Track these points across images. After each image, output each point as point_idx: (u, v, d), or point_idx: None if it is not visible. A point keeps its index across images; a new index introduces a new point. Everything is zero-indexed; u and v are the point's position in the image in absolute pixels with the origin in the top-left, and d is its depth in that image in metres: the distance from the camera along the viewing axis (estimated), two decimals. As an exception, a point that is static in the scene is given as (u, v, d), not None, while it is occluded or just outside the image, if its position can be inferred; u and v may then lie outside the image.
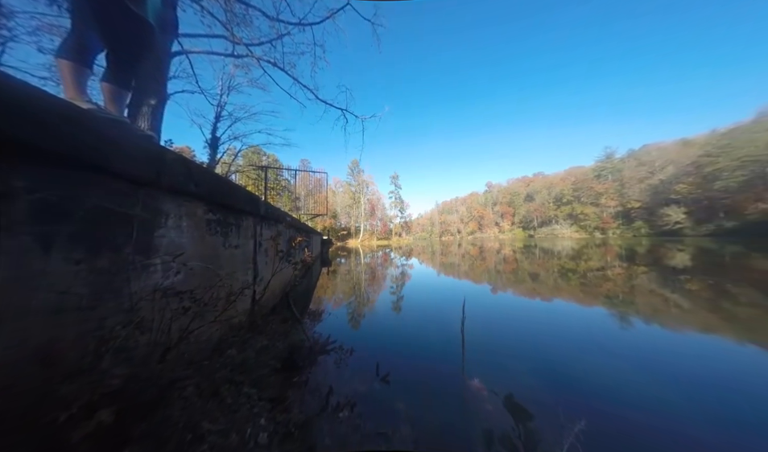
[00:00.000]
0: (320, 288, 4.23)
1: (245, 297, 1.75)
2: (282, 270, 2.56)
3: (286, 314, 2.53)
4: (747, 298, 3.05)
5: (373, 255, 11.73)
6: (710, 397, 1.27)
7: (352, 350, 1.78)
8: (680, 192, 30.74)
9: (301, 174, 6.65)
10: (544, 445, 0.71)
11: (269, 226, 2.51)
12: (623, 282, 4.04)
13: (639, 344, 1.90)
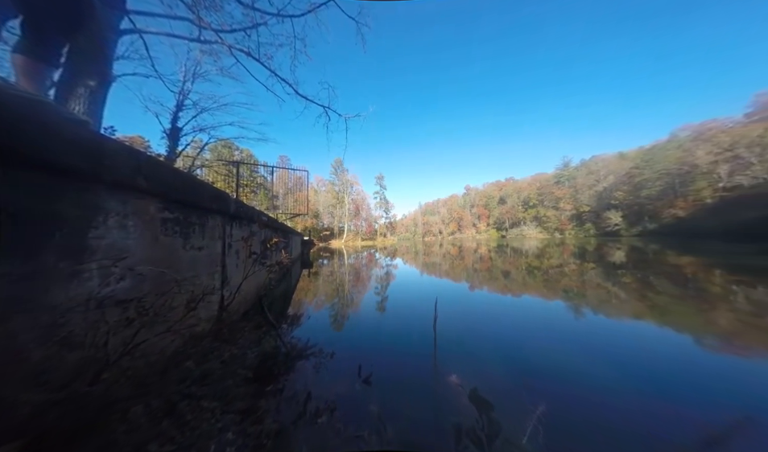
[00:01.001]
0: (300, 291, 4.08)
1: (209, 303, 1.61)
2: (256, 273, 2.43)
3: (260, 320, 2.39)
4: (662, 288, 3.72)
5: (357, 256, 11.56)
6: (637, 371, 1.54)
7: (332, 353, 1.74)
8: (618, 198, 36.01)
9: (279, 171, 6.31)
10: (505, 432, 0.76)
11: (240, 226, 2.35)
12: (576, 278, 4.70)
13: (589, 331, 2.20)
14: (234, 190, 4.81)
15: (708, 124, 30.97)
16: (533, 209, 51.34)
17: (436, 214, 73.95)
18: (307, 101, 4.52)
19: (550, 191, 48.48)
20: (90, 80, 1.73)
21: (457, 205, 71.80)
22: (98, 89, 1.82)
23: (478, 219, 64.55)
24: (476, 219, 65.11)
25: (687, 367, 1.60)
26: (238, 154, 13.87)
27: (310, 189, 36.84)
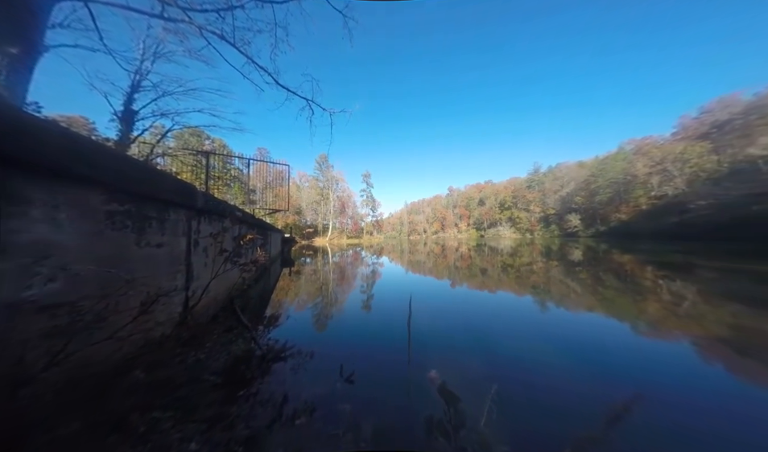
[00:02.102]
0: (280, 290, 3.92)
1: (170, 305, 1.48)
2: (228, 272, 2.28)
3: (232, 323, 2.26)
4: (609, 283, 4.30)
5: (342, 254, 11.39)
6: (588, 356, 1.75)
7: (312, 353, 1.71)
8: (577, 203, 40.56)
9: (257, 164, 5.97)
10: (469, 421, 0.81)
11: (210, 221, 2.19)
12: (543, 274, 5.20)
13: (552, 323, 2.45)
14: (203, 182, 4.42)
15: (646, 139, 35.02)
16: (508, 211, 55.32)
17: (421, 213, 76.08)
18: (288, 93, 4.30)
19: (522, 194, 52.56)
20: (11, 46, 1.45)
21: (441, 205, 74.25)
22: (22, 58, 1.54)
23: (460, 219, 67.56)
24: (458, 219, 67.66)
25: (621, 351, 1.82)
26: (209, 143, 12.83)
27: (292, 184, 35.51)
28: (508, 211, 55.53)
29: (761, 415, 1.16)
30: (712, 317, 2.55)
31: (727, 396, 1.30)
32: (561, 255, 9.18)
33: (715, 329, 2.23)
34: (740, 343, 1.96)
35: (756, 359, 1.74)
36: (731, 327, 2.27)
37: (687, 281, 4.34)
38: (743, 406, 1.23)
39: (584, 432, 0.78)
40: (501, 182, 64.00)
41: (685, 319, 2.48)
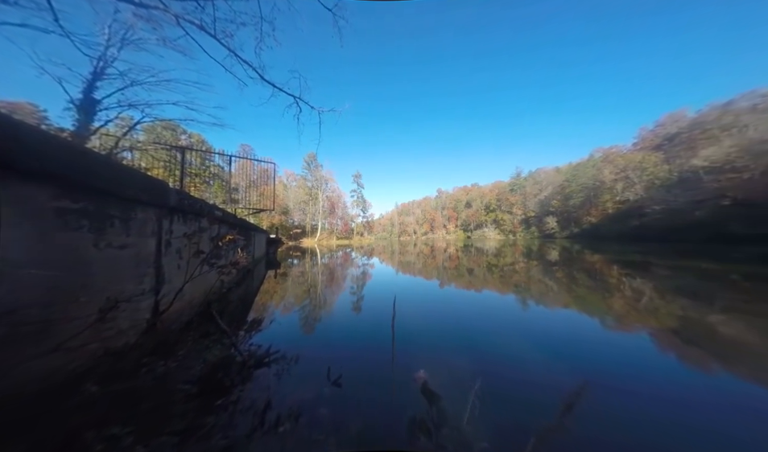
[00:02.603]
0: (264, 293, 3.79)
1: (135, 311, 1.39)
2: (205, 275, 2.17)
3: (209, 328, 2.16)
4: (582, 281, 4.67)
5: (331, 255, 11.24)
6: (562, 350, 1.87)
7: (297, 357, 1.68)
8: (554, 206, 43.54)
9: (241, 161, 5.73)
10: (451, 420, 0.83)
11: (185, 220, 2.08)
12: (524, 273, 5.53)
13: (531, 320, 2.61)
14: (178, 179, 4.15)
15: (612, 148, 38.44)
16: (493, 213, 57.94)
17: (412, 215, 77.51)
18: (274, 89, 4.16)
19: (506, 197, 55.29)
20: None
21: (430, 207, 75.97)
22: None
23: (448, 220, 69.40)
24: (447, 220, 69.47)
25: (592, 345, 1.98)
26: (186, 138, 12.05)
27: (278, 183, 34.65)
28: (493, 213, 58.04)
29: (703, 398, 1.31)
30: (665, 310, 2.82)
31: (677, 384, 1.46)
32: (540, 255, 9.82)
33: (667, 321, 2.48)
34: (687, 334, 2.20)
35: (700, 347, 1.97)
36: (679, 319, 2.54)
37: (645, 278, 4.80)
38: (690, 391, 1.38)
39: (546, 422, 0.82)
40: (487, 185, 66.61)
41: (643, 313, 2.74)
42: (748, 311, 2.84)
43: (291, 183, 39.11)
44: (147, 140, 5.31)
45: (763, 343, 2.00)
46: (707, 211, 20.68)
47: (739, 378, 1.56)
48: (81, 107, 4.28)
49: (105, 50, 4.24)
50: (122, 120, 4.84)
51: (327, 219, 41.02)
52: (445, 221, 70.02)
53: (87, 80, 4.28)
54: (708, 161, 22.61)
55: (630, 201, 31.25)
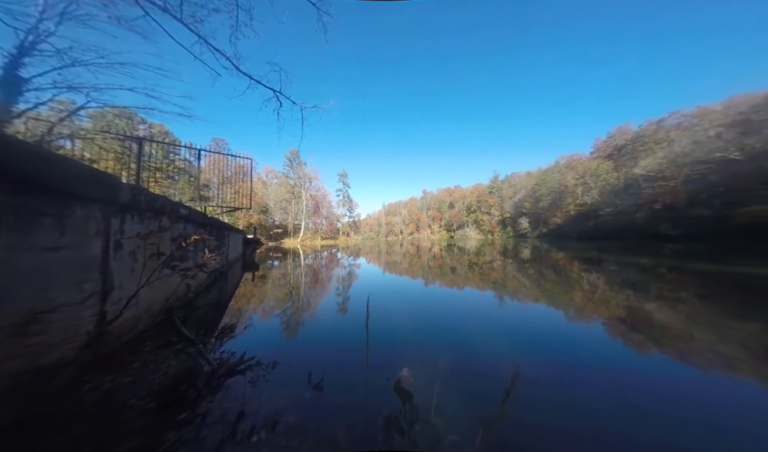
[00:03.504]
0: (241, 297, 3.60)
1: (72, 321, 1.23)
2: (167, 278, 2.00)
3: (171, 337, 2.01)
4: (549, 277, 5.20)
5: (316, 256, 11.17)
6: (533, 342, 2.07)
7: (275, 363, 1.63)
8: (527, 208, 47.84)
9: (212, 155, 5.38)
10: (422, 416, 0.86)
11: (141, 219, 1.90)
12: (501, 270, 6.09)
13: (506, 315, 2.84)
14: (134, 173, 3.75)
15: (574, 156, 43.73)
16: (473, 214, 61.71)
17: (398, 215, 79.48)
18: (251, 81, 3.93)
19: (485, 199, 59.53)
20: None
21: (416, 207, 78.46)
22: None
23: (432, 220, 72.49)
24: (431, 220, 72.50)
25: (553, 337, 2.18)
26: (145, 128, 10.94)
27: (256, 180, 33.20)
28: (473, 214, 61.70)
29: (644, 377, 1.54)
30: (614, 301, 3.25)
31: (627, 363, 1.71)
32: (515, 254, 10.80)
33: (616, 311, 2.86)
34: (631, 321, 2.53)
35: (641, 332, 2.27)
36: (625, 308, 2.94)
37: (599, 273, 5.59)
38: (637, 371, 1.61)
39: (491, 411, 0.89)
40: (468, 187, 70.77)
41: (598, 304, 3.16)
42: (671, 298, 3.40)
43: (271, 181, 37.62)
44: (94, 128, 4.70)
45: (683, 325, 2.43)
46: (644, 214, 24.80)
47: (669, 357, 1.82)
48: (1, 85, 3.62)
49: (37, 22, 3.65)
50: (61, 103, 4.20)
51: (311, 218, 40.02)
52: (430, 221, 72.66)
53: (10, 55, 3.60)
54: (645, 170, 26.61)
55: (588, 204, 35.86)
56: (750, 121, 19.39)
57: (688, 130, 25.72)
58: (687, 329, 2.34)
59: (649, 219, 24.17)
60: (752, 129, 19.03)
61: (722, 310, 2.97)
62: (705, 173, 21.16)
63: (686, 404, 1.28)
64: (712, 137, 21.77)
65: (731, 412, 1.23)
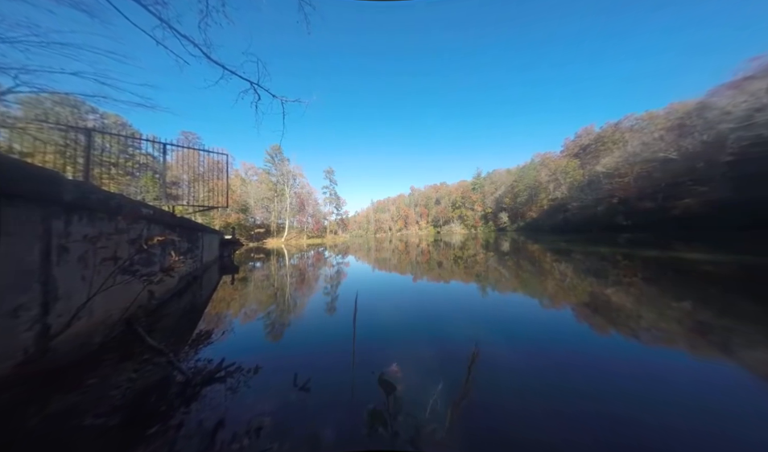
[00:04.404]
0: (219, 302, 3.44)
1: (6, 338, 1.10)
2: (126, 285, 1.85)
3: (135, 348, 1.89)
4: (526, 268, 5.66)
5: (302, 255, 11.01)
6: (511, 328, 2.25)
7: (257, 368, 1.60)
8: (506, 203, 51.61)
9: (181, 150, 5.03)
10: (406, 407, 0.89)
11: (91, 220, 1.74)
12: (483, 263, 6.56)
13: (488, 304, 3.09)
14: (82, 168, 3.37)
15: (547, 154, 46.60)
16: (458, 209, 64.58)
17: (387, 212, 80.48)
18: (225, 71, 3.66)
19: (469, 195, 62.62)
20: None
21: (404, 204, 79.90)
22: None
23: (420, 217, 74.45)
24: (419, 217, 74.42)
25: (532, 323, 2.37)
26: (96, 118, 9.80)
27: (234, 177, 31.72)
28: (458, 210, 64.45)
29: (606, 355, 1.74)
30: (580, 288, 3.65)
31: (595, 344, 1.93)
32: (496, 247, 11.60)
33: (582, 297, 3.23)
34: (594, 305, 2.87)
35: (602, 316, 2.54)
36: (589, 295, 3.33)
37: (567, 262, 6.16)
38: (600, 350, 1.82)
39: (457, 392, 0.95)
40: (453, 184, 73.05)
41: (567, 291, 3.52)
42: (625, 283, 3.84)
43: (251, 178, 36.11)
44: (26, 116, 4.10)
45: (634, 306, 2.76)
46: (604, 207, 27.95)
47: (624, 336, 2.05)
48: None
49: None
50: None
51: (296, 216, 38.97)
52: (418, 218, 74.49)
53: None
54: (605, 167, 29.57)
55: (559, 199, 39.00)
56: (684, 125, 22.28)
57: (639, 132, 29.20)
58: (636, 310, 2.65)
59: (607, 212, 27.31)
60: (685, 132, 21.95)
61: (663, 291, 3.36)
62: (651, 170, 24.12)
63: (637, 378, 1.43)
64: (656, 139, 24.86)
65: (670, 381, 1.41)
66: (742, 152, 16.58)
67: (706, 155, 19.01)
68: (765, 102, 15.99)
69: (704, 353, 1.79)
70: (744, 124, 16.69)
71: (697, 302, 2.82)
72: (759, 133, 15.83)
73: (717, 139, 18.29)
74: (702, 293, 3.21)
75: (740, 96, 17.48)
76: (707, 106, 20.37)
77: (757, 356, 1.69)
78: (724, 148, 17.57)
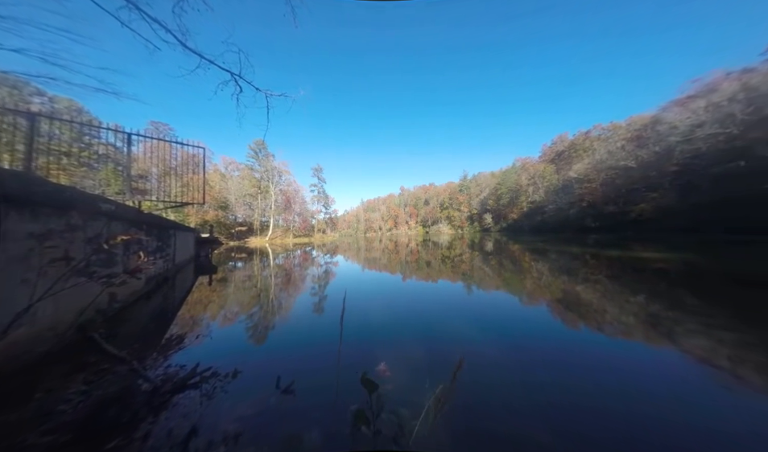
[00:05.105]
0: (194, 304, 3.26)
1: None
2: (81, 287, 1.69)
3: (93, 358, 1.75)
4: (507, 267, 6.16)
5: (287, 255, 10.78)
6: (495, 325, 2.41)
7: (236, 372, 1.54)
8: (490, 205, 54.90)
9: (150, 142, 4.67)
10: (389, 405, 0.89)
11: (34, 216, 1.57)
12: (468, 262, 7.06)
13: (473, 302, 3.29)
14: (23, 156, 2.97)
15: (527, 159, 50.60)
16: (446, 210, 67.02)
17: (377, 211, 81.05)
18: (202, 60, 3.40)
19: (456, 196, 65.18)
20: None
21: (394, 204, 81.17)
22: None
23: (410, 217, 77.01)
24: (408, 217, 76.96)
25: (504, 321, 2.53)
26: (43, 101, 8.70)
27: (213, 172, 30.25)
28: (446, 210, 67.05)
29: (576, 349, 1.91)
30: (554, 286, 3.96)
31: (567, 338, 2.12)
32: (480, 247, 12.45)
33: (556, 294, 3.51)
34: (567, 301, 3.14)
35: (573, 311, 2.78)
36: (562, 291, 3.60)
37: (544, 261, 6.78)
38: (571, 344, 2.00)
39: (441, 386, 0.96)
40: (441, 185, 75.99)
41: (543, 288, 3.85)
42: (592, 281, 4.28)
43: (232, 173, 34.62)
44: None
45: (599, 302, 3.09)
46: (575, 210, 31.27)
47: (592, 330, 2.27)
48: None
49: None
50: None
51: (281, 215, 37.87)
52: (407, 218, 76.12)
53: None
54: (577, 173, 32.66)
55: (537, 202, 42.35)
56: (642, 136, 25.09)
57: (605, 141, 32.33)
58: (602, 305, 2.97)
59: (579, 214, 30.73)
60: (642, 143, 24.72)
61: (623, 287, 3.84)
62: (614, 177, 26.92)
63: (602, 370, 1.58)
64: (619, 148, 27.75)
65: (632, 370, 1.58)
66: (685, 163, 19.33)
67: (657, 165, 21.74)
68: (703, 119, 18.61)
69: (655, 342, 2.02)
70: (687, 138, 19.72)
71: (649, 296, 3.21)
72: (698, 147, 18.54)
73: (666, 150, 21.07)
74: (653, 288, 3.66)
75: (684, 113, 20.46)
76: (659, 120, 23.20)
77: (694, 342, 1.96)
78: (672, 159, 20.37)
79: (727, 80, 17.56)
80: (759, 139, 14.10)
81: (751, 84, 15.67)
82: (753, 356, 1.74)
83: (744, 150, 14.87)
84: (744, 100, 15.91)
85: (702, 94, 19.22)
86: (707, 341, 1.98)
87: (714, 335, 2.07)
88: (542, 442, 1.02)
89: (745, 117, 15.65)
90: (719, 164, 16.21)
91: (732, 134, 16.16)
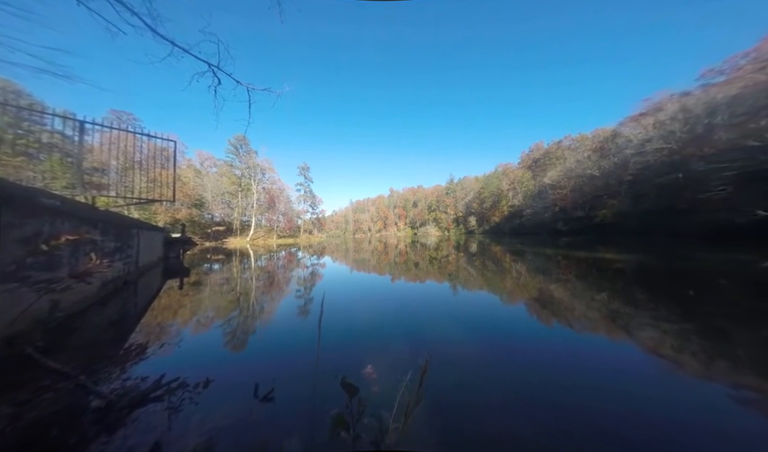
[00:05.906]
0: (162, 310, 3.03)
1: None
2: (13, 294, 1.49)
3: (26, 375, 1.56)
4: (490, 267, 6.64)
5: (270, 256, 10.48)
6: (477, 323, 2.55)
7: (207, 381, 1.50)
8: (474, 208, 58.12)
9: (110, 132, 4.27)
10: (369, 409, 0.88)
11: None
12: (454, 263, 7.48)
13: (459, 300, 3.49)
14: None
15: (507, 165, 54.93)
16: (433, 212, 69.90)
17: (366, 212, 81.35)
18: (175, 48, 3.14)
19: (443, 199, 67.96)
20: None
21: (383, 205, 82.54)
22: None
23: (399, 218, 79.28)
24: (397, 218, 79.27)
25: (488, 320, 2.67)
26: None
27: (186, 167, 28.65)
28: (433, 212, 69.83)
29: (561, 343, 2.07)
30: (531, 285, 4.34)
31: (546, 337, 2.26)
32: (465, 248, 13.36)
33: (533, 293, 3.79)
34: (543, 300, 3.41)
35: (548, 309, 3.03)
36: (538, 291, 3.91)
37: (522, 262, 7.40)
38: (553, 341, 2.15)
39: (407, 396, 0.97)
40: (429, 187, 78.43)
41: (521, 288, 4.16)
42: (563, 280, 4.72)
43: (209, 169, 32.95)
44: None
45: (569, 300, 3.36)
46: (549, 214, 34.50)
47: (563, 325, 2.49)
48: None
49: None
50: None
51: (264, 214, 36.58)
52: (396, 219, 77.80)
53: None
54: (551, 180, 35.57)
55: (516, 206, 46.07)
56: (604, 147, 28.21)
57: (575, 151, 35.90)
58: (571, 303, 3.24)
59: (552, 218, 33.90)
60: (604, 153, 27.85)
61: (588, 286, 4.29)
62: (582, 184, 30.02)
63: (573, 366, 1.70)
64: (586, 158, 30.93)
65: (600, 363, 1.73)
66: (637, 173, 21.76)
67: (616, 174, 24.46)
68: (651, 135, 21.26)
69: (615, 335, 2.25)
70: (639, 151, 21.76)
71: (610, 293, 3.63)
72: (647, 159, 21.12)
73: (623, 161, 23.65)
74: (614, 285, 4.17)
75: (637, 128, 22.99)
76: (618, 134, 26.10)
77: (646, 335, 2.21)
78: (627, 169, 22.86)
79: (670, 100, 20.10)
80: (693, 154, 16.39)
81: (687, 106, 17.99)
82: (690, 345, 2.04)
83: (681, 164, 17.09)
84: (682, 119, 18.33)
85: (651, 112, 21.68)
86: (654, 332, 2.25)
87: (660, 327, 2.37)
88: (524, 438, 1.07)
89: (682, 134, 18.10)
90: (663, 175, 18.64)
91: (672, 149, 18.70)
